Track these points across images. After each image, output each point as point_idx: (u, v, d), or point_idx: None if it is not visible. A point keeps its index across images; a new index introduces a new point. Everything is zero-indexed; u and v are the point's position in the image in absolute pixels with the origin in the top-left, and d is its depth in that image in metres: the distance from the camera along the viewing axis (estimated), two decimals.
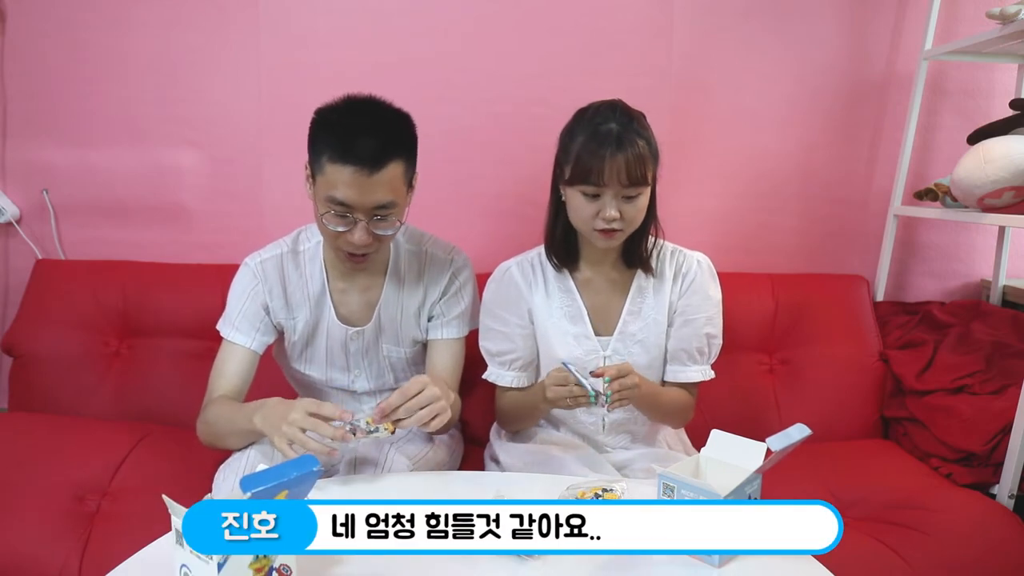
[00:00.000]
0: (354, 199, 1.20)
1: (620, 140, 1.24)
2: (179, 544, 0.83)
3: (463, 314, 1.45)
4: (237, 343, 1.37)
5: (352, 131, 1.19)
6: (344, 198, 1.20)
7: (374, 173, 1.19)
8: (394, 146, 1.22)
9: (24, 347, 1.78)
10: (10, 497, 1.35)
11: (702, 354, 1.41)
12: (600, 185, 1.25)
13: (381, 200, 1.22)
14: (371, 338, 1.43)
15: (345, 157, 1.18)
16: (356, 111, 1.23)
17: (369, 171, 1.18)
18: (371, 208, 1.22)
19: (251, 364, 1.38)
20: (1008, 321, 1.76)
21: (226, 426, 1.26)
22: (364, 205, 1.21)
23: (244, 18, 1.87)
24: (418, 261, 1.43)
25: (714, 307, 1.41)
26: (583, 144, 1.26)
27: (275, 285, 1.39)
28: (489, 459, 1.52)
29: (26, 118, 1.91)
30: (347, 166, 1.18)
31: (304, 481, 0.88)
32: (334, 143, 1.19)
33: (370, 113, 1.23)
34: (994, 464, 1.51)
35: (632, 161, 1.23)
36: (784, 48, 1.95)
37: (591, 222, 1.29)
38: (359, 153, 1.18)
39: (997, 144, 1.57)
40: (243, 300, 1.38)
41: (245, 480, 0.82)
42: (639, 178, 1.25)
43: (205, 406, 1.33)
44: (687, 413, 1.44)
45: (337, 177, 1.19)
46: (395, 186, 1.23)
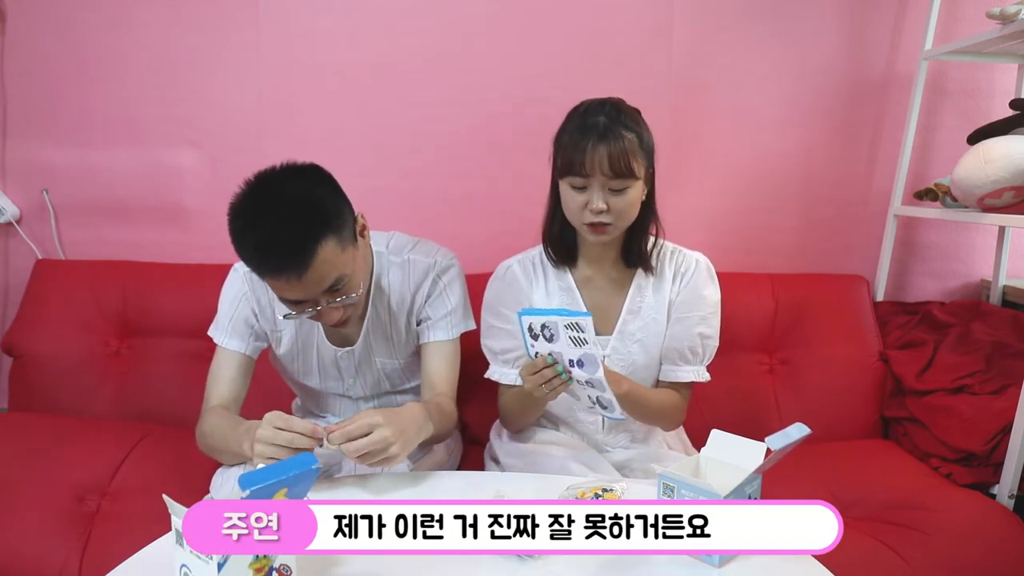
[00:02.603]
0: (302, 296, 1.17)
1: (605, 132, 1.25)
2: (179, 544, 0.82)
3: (451, 314, 1.41)
4: (230, 348, 1.36)
5: (263, 248, 1.12)
6: (294, 297, 1.18)
7: (304, 273, 1.13)
8: (311, 236, 1.12)
9: (24, 347, 1.78)
10: (10, 497, 1.35)
11: (695, 354, 1.40)
12: (584, 176, 1.26)
13: (326, 285, 1.17)
14: (362, 355, 1.42)
15: (269, 273, 1.15)
16: (258, 218, 1.13)
17: (299, 274, 1.13)
18: (323, 294, 1.18)
19: (247, 369, 1.37)
20: (1008, 321, 1.76)
21: (220, 443, 1.24)
22: (314, 296, 1.18)
23: (244, 18, 1.87)
24: (401, 271, 1.40)
25: (709, 307, 1.40)
26: (569, 136, 1.28)
27: (262, 296, 1.37)
28: (489, 459, 1.52)
29: (26, 118, 1.91)
30: (277, 278, 1.14)
31: (303, 480, 0.87)
32: (253, 263, 1.16)
33: (272, 214, 1.13)
34: (994, 464, 1.51)
35: (615, 152, 1.23)
36: (784, 48, 1.96)
37: (580, 215, 1.29)
38: (278, 267, 1.13)
39: (997, 144, 1.57)
40: (233, 305, 1.36)
41: (244, 478, 0.82)
42: (623, 169, 1.24)
43: (203, 415, 1.31)
44: (676, 415, 1.42)
45: (275, 285, 1.17)
46: (335, 263, 1.16)
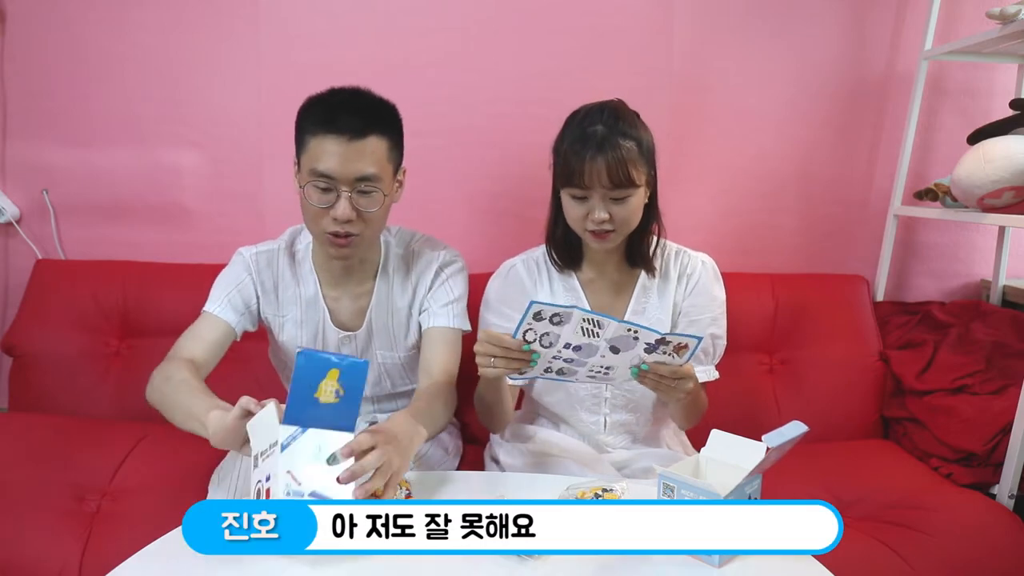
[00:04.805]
0: (336, 169, 1.20)
1: (602, 143, 1.23)
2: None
3: (453, 303, 1.40)
4: (220, 316, 1.33)
5: (334, 106, 1.23)
6: (326, 169, 1.20)
7: (355, 141, 1.20)
8: (376, 121, 1.24)
9: (24, 347, 1.78)
10: (10, 497, 1.35)
11: (707, 354, 1.40)
12: (584, 187, 1.25)
13: (364, 171, 1.21)
14: (363, 343, 1.43)
15: (327, 128, 1.20)
16: (339, 92, 1.26)
17: (350, 139, 1.20)
18: (354, 179, 1.22)
19: (225, 343, 1.34)
20: (1008, 321, 1.76)
21: (178, 399, 1.14)
22: (347, 175, 1.21)
23: (244, 18, 1.87)
24: (406, 261, 1.42)
25: (718, 308, 1.41)
26: (568, 146, 1.27)
27: (267, 279, 1.38)
28: (489, 459, 1.52)
29: (26, 118, 1.91)
30: (329, 136, 1.20)
31: (357, 370, 0.94)
32: (316, 118, 1.22)
33: (353, 92, 1.26)
34: (994, 464, 1.51)
35: (613, 164, 1.23)
36: (784, 48, 1.95)
37: (582, 223, 1.29)
38: (340, 123, 1.20)
39: (997, 144, 1.57)
40: (230, 288, 1.36)
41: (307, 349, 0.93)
42: (623, 180, 1.24)
43: (167, 360, 1.25)
44: (704, 410, 1.42)
45: (320, 149, 1.21)
46: (378, 160, 1.23)
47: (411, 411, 1.19)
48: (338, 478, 0.92)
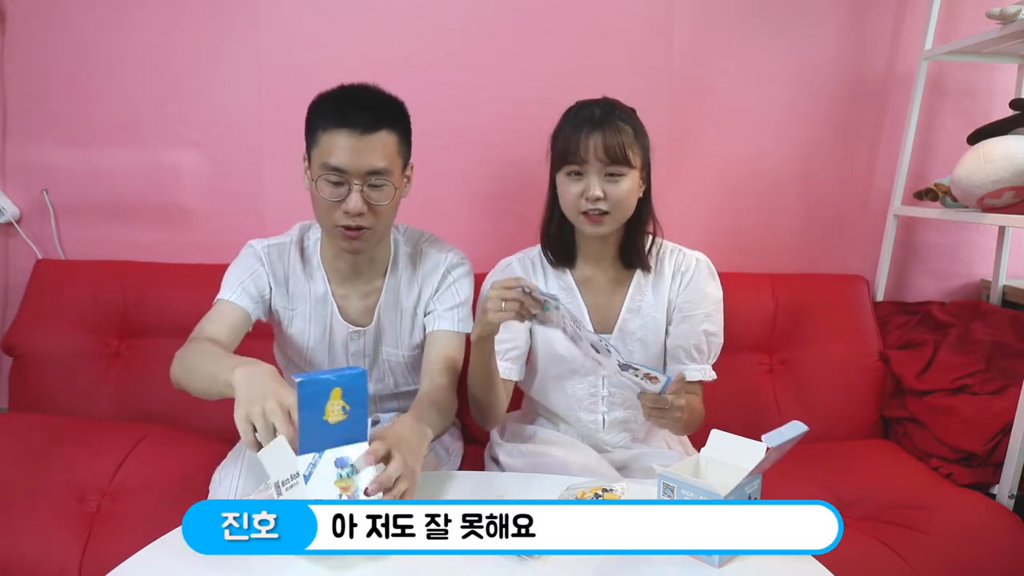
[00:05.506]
0: (347, 162, 1.22)
1: (600, 122, 1.29)
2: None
3: (459, 307, 1.41)
4: (237, 303, 1.33)
5: (345, 101, 1.25)
6: (338, 163, 1.22)
7: (366, 135, 1.22)
8: (386, 116, 1.26)
9: (24, 347, 1.78)
10: (10, 497, 1.35)
11: (701, 352, 1.41)
12: (579, 163, 1.29)
13: (375, 164, 1.23)
14: (371, 340, 1.43)
15: (338, 123, 1.22)
16: (349, 88, 1.29)
17: (361, 133, 1.22)
18: (365, 173, 1.23)
19: (243, 326, 1.33)
20: (1008, 321, 1.76)
21: (202, 364, 1.14)
22: (358, 169, 1.23)
23: (244, 18, 1.87)
24: (413, 260, 1.43)
25: (712, 304, 1.41)
26: (565, 128, 1.33)
27: (279, 271, 1.39)
28: (489, 459, 1.52)
29: (26, 118, 1.91)
30: (340, 130, 1.22)
31: (357, 382, 0.92)
32: (327, 113, 1.25)
33: (363, 88, 1.29)
34: (994, 464, 1.51)
35: (610, 138, 1.27)
36: (784, 48, 1.95)
37: (577, 203, 1.31)
38: (351, 118, 1.22)
39: (997, 144, 1.57)
40: (244, 277, 1.35)
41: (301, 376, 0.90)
42: (619, 156, 1.27)
43: (190, 341, 1.25)
44: (702, 415, 1.42)
45: (331, 143, 1.23)
46: (388, 154, 1.25)
47: (414, 414, 1.19)
48: (366, 490, 0.93)
